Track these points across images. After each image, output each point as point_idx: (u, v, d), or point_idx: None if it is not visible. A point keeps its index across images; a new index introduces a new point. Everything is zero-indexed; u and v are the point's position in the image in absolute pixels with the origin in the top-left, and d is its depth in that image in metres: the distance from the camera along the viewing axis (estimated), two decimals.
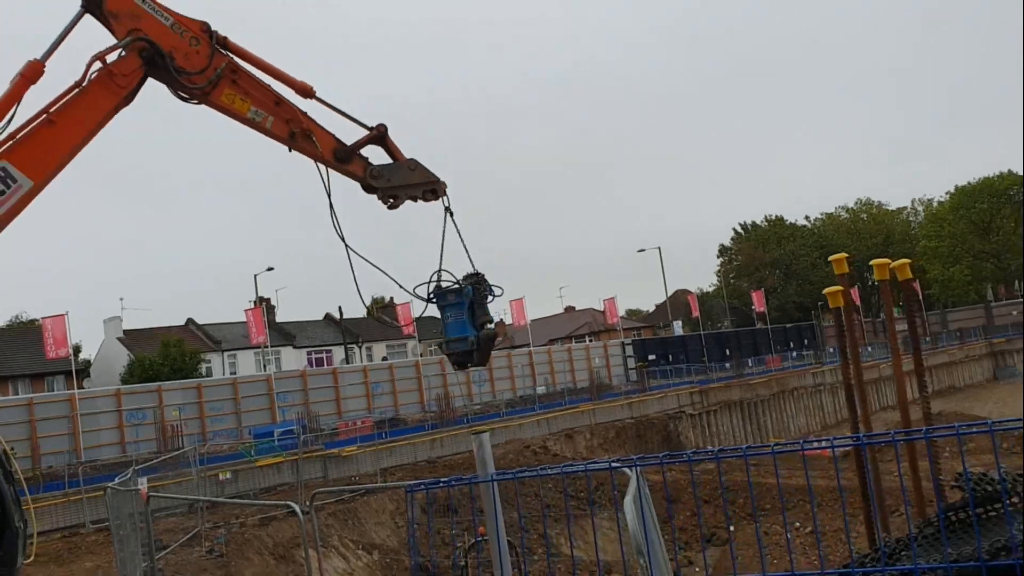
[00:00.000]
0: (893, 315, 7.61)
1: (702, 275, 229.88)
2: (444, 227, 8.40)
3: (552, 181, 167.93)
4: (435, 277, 8.28)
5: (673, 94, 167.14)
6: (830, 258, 6.88)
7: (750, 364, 58.16)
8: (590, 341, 69.91)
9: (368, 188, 8.71)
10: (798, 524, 21.45)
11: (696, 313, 75.12)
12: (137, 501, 12.59)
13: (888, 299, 7.26)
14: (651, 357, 62.34)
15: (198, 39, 8.23)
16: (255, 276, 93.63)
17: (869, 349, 73.57)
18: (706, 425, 47.91)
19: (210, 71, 8.21)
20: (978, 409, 50.02)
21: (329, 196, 8.47)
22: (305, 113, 8.54)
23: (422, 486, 2.60)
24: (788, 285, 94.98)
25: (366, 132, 8.71)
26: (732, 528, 25.01)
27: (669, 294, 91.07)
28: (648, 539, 3.29)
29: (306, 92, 8.56)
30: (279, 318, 62.27)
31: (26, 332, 56.06)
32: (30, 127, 7.57)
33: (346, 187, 8.94)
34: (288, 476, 29.57)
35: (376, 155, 8.79)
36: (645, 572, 3.13)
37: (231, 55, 8.40)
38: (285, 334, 61.38)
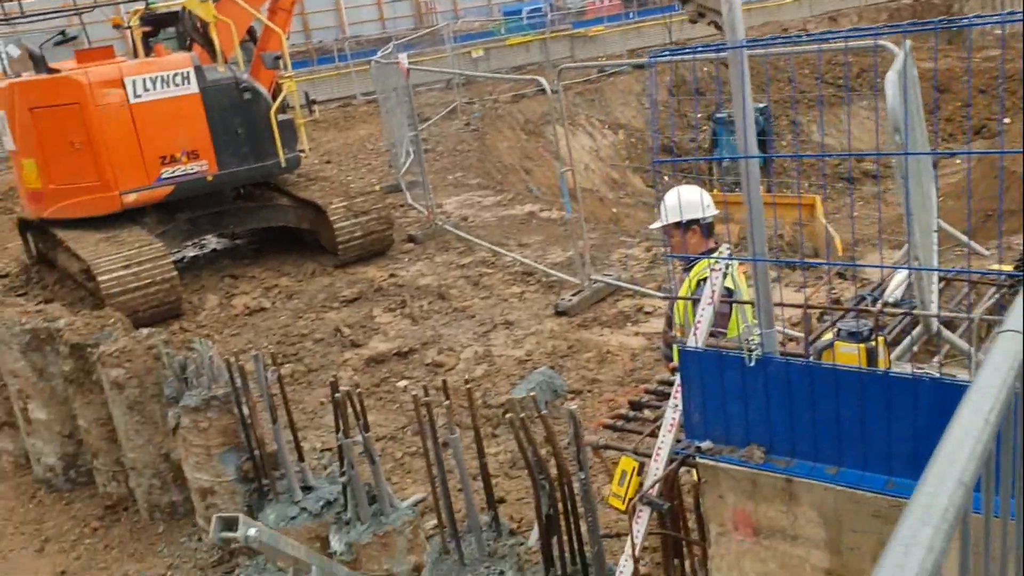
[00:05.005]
0: None
1: None
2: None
3: None
4: None
5: None
6: None
7: None
8: None
9: None
10: None
11: None
12: (399, 75, 13.39)
13: None
14: None
15: None
16: None
17: None
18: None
19: None
20: None
21: None
22: None
23: (666, 53, 2.50)
24: None
25: None
26: (1007, 120, 22.97)
27: None
28: (907, 117, 3.10)
29: None
30: None
31: None
32: None
33: None
34: (537, 55, 29.97)
35: None
36: (901, 148, 3.00)
37: None
38: None
